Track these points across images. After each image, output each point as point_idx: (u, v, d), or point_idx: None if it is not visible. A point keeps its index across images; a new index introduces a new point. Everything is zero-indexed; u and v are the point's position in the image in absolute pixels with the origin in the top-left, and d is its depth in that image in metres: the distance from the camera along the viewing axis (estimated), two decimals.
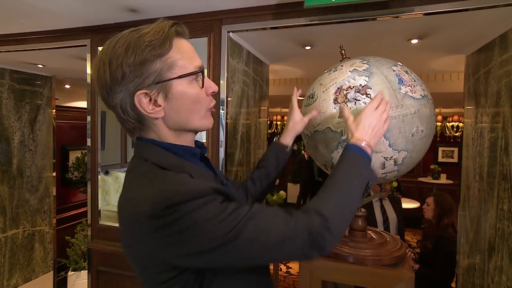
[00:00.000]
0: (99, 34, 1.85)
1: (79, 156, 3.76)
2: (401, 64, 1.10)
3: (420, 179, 6.04)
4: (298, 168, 5.98)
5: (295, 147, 6.39)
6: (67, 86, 3.34)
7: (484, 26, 1.50)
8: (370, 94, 1.00)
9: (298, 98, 1.12)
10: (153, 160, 0.66)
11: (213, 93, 0.73)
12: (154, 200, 0.57)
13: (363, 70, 1.04)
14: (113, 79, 0.64)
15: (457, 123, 5.19)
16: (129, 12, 1.62)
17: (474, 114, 1.82)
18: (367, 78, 1.02)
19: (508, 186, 1.36)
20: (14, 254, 2.78)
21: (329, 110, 1.05)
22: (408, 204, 4.65)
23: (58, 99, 3.19)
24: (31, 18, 1.73)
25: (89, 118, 1.91)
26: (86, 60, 1.92)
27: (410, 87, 1.02)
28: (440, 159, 6.27)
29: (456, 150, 6.09)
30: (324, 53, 2.12)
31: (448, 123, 5.35)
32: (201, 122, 0.72)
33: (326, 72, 1.15)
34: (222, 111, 1.65)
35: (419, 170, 6.20)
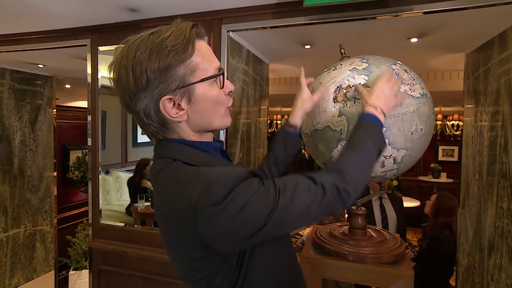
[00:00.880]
0: (99, 33, 1.85)
1: (80, 155, 3.76)
2: (400, 62, 1.11)
3: (420, 178, 6.03)
4: (298, 167, 5.98)
5: None
6: (68, 86, 3.35)
7: (483, 24, 1.50)
8: None
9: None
10: (182, 159, 0.68)
11: (230, 92, 0.74)
12: (208, 189, 0.59)
13: (363, 69, 1.05)
14: (137, 86, 0.64)
15: (457, 122, 5.18)
16: (129, 11, 1.62)
17: (473, 113, 1.82)
18: (367, 76, 1.03)
19: (507, 184, 1.36)
20: (16, 254, 2.80)
21: (328, 109, 1.06)
22: (408, 202, 4.66)
23: (58, 99, 3.19)
24: (31, 18, 1.73)
25: (89, 117, 1.91)
26: (86, 59, 1.92)
27: (409, 86, 1.02)
28: (440, 158, 6.27)
29: (456, 149, 6.08)
30: (324, 52, 2.12)
31: (448, 122, 5.34)
32: (221, 122, 0.73)
33: (326, 71, 1.15)
34: None
35: (420, 169, 6.20)
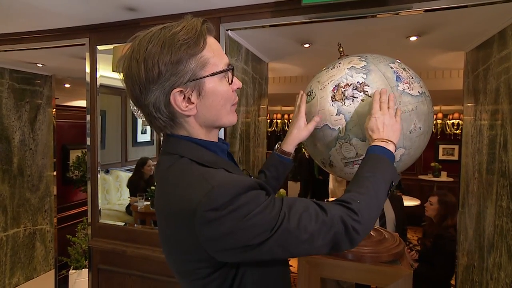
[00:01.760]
0: (98, 33, 1.85)
1: (80, 155, 3.76)
2: (399, 61, 1.10)
3: (420, 177, 6.02)
4: (298, 166, 5.97)
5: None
6: (67, 85, 3.35)
7: (483, 22, 1.50)
8: (367, 91, 1.00)
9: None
10: (190, 156, 0.67)
11: (238, 89, 0.75)
12: (212, 193, 0.59)
13: (361, 67, 1.04)
14: (148, 78, 0.64)
15: (457, 121, 5.17)
16: (127, 11, 1.62)
17: (473, 111, 1.82)
18: (365, 75, 1.02)
19: (506, 183, 1.36)
20: (16, 253, 2.80)
21: (327, 108, 1.05)
22: (408, 202, 4.65)
23: (58, 98, 3.19)
24: (29, 17, 1.73)
25: (88, 117, 1.91)
26: (85, 59, 1.92)
27: (407, 84, 1.01)
28: (440, 157, 6.26)
29: (456, 147, 6.07)
30: (323, 50, 2.11)
31: (448, 121, 5.33)
32: (227, 119, 0.73)
33: (324, 69, 1.15)
34: None
35: (420, 168, 6.19)
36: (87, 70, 1.90)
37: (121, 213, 2.08)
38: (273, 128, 6.49)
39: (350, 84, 1.02)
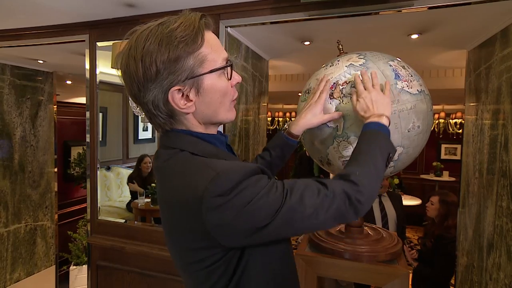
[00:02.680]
0: (97, 29, 1.85)
1: (81, 152, 3.78)
2: (399, 59, 1.09)
3: (422, 176, 6.00)
4: (299, 164, 5.97)
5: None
6: (69, 82, 3.35)
7: (485, 20, 1.48)
8: None
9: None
10: (189, 149, 0.68)
11: (237, 83, 0.74)
12: (218, 179, 0.59)
13: (360, 65, 1.03)
14: (146, 76, 0.63)
15: (460, 120, 5.14)
16: (126, 7, 1.61)
17: (475, 111, 1.80)
18: None
19: (507, 183, 1.35)
20: (17, 249, 2.81)
21: (325, 105, 1.04)
22: (409, 201, 4.64)
23: (59, 95, 3.20)
24: (29, 14, 1.73)
25: (88, 114, 1.91)
26: (85, 55, 1.92)
27: (406, 82, 1.00)
28: (443, 156, 6.23)
29: (459, 147, 6.03)
30: (323, 48, 2.10)
31: (451, 120, 5.30)
32: (226, 115, 0.73)
33: (323, 67, 1.14)
34: None
35: (421, 167, 6.16)
36: (87, 66, 1.90)
37: (122, 210, 2.08)
38: (274, 126, 6.48)
39: (349, 81, 1.02)
